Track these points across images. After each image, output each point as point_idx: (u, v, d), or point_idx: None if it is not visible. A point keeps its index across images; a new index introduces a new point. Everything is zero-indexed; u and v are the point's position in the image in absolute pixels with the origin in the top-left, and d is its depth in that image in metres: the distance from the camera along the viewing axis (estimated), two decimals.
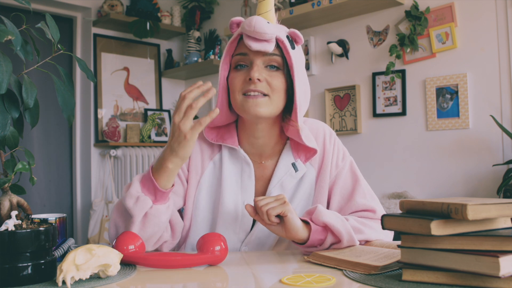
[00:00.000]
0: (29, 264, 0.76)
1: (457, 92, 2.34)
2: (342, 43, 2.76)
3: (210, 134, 1.15)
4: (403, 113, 2.53)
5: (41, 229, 0.78)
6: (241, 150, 1.14)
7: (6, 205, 0.82)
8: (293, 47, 1.05)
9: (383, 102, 2.61)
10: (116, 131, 3.30)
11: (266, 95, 1.04)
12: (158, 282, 0.83)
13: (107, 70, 3.43)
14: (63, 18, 3.39)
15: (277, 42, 1.04)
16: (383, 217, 0.77)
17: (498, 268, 0.64)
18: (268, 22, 1.01)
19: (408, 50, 2.48)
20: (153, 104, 3.66)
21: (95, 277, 0.81)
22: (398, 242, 0.78)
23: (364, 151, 2.69)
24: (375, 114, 2.65)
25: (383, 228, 0.78)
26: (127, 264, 0.92)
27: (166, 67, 3.69)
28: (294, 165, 1.13)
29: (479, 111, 2.29)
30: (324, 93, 2.86)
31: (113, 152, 3.24)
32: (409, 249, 0.74)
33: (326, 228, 0.98)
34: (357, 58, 2.74)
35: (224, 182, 1.13)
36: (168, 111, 3.68)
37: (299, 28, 2.95)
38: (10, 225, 0.77)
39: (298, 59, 1.07)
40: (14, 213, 0.79)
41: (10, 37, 0.76)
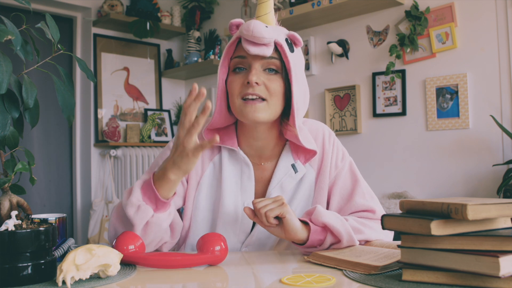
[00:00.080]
0: (29, 264, 0.76)
1: (457, 92, 2.34)
2: (342, 43, 2.76)
3: (210, 136, 1.14)
4: (403, 113, 2.53)
5: (41, 229, 0.78)
6: (240, 151, 1.13)
7: (6, 205, 0.82)
8: (292, 50, 1.05)
9: (383, 102, 2.61)
10: (116, 131, 3.31)
11: (264, 100, 1.04)
12: (158, 282, 0.83)
13: (107, 70, 3.43)
14: (63, 18, 3.39)
15: (275, 45, 1.04)
16: (383, 217, 0.78)
17: (498, 268, 0.64)
18: (266, 26, 1.01)
19: (408, 50, 2.48)
20: (153, 104, 3.66)
21: (95, 277, 0.81)
22: (398, 242, 0.78)
23: (364, 151, 2.69)
24: (375, 114, 2.65)
25: (383, 228, 0.78)
26: (127, 264, 0.92)
27: (166, 67, 3.69)
28: (293, 166, 1.13)
29: (479, 111, 2.29)
30: (324, 93, 2.86)
31: (113, 152, 3.24)
32: (409, 249, 0.74)
33: (325, 228, 0.98)
34: (357, 58, 2.74)
35: (224, 183, 1.13)
36: (168, 111, 3.68)
37: (299, 28, 2.95)
38: (10, 225, 0.77)
39: (297, 62, 1.07)
40: (14, 213, 0.79)
41: (10, 37, 0.76)
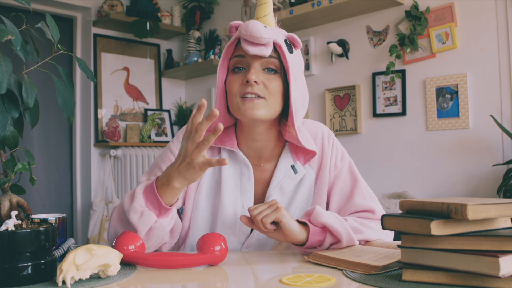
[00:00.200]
0: (29, 264, 0.76)
1: (457, 92, 2.34)
2: (342, 43, 2.76)
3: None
4: (403, 113, 2.53)
5: (41, 229, 0.78)
6: (240, 152, 1.13)
7: (6, 205, 0.82)
8: (291, 51, 1.05)
9: (383, 102, 2.61)
10: (116, 131, 3.31)
11: (262, 98, 1.04)
12: (158, 282, 0.83)
13: (107, 70, 3.43)
14: (63, 18, 3.39)
15: (274, 45, 1.04)
16: (383, 217, 0.78)
17: (498, 268, 0.64)
18: (265, 26, 1.01)
19: (408, 50, 2.48)
20: (153, 104, 3.66)
21: (95, 277, 0.81)
22: (398, 242, 0.78)
23: (364, 151, 2.69)
24: (375, 114, 2.65)
25: (383, 228, 0.78)
26: (127, 264, 0.92)
27: (166, 67, 3.69)
28: (293, 167, 1.13)
29: (479, 111, 2.29)
30: (324, 93, 2.86)
31: (113, 152, 3.24)
32: (409, 249, 0.74)
33: (324, 228, 0.98)
34: (357, 58, 2.74)
35: (223, 184, 1.13)
36: (168, 111, 3.68)
37: (299, 28, 2.95)
38: (10, 225, 0.77)
39: (296, 63, 1.07)
40: (14, 213, 0.79)
41: (10, 37, 0.76)
